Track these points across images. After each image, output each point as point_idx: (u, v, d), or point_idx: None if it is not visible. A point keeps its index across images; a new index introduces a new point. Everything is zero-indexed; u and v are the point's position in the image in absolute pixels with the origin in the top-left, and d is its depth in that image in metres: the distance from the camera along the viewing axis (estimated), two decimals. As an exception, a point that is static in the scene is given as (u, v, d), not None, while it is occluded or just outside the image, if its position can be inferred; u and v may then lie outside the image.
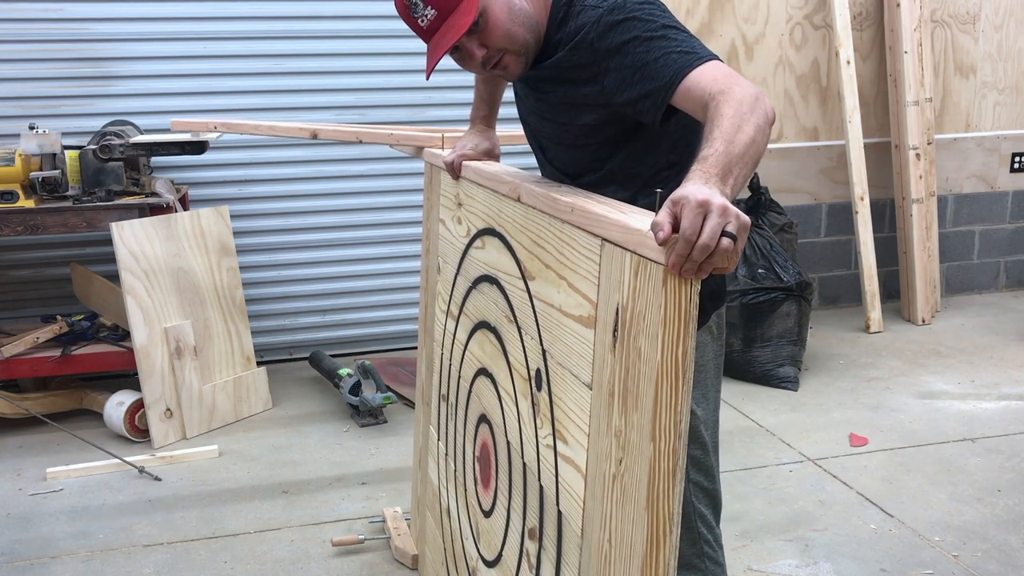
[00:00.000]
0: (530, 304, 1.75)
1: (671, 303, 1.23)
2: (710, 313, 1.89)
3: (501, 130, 2.37)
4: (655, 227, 1.21)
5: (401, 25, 1.88)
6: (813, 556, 2.83)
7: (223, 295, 3.90)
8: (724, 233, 1.18)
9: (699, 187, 1.24)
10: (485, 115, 2.28)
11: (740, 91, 1.47)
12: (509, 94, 2.25)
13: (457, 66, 1.88)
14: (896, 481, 3.31)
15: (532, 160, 2.14)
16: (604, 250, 1.42)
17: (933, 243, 5.18)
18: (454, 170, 2.20)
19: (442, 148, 2.55)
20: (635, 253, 1.31)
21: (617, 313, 1.37)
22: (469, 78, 4.65)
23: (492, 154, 2.20)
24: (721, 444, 3.63)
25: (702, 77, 1.54)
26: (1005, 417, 3.84)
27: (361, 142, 2.91)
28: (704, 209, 1.19)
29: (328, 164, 4.50)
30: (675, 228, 1.20)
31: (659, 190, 1.33)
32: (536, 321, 1.72)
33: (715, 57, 1.59)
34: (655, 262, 1.25)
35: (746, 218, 1.21)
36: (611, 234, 1.40)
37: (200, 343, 3.79)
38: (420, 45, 1.85)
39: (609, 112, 1.75)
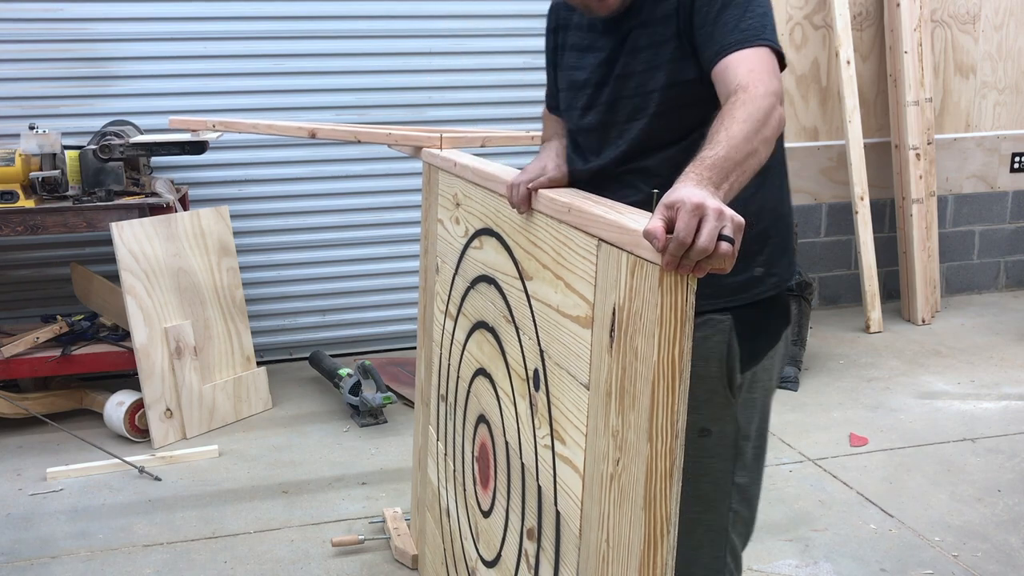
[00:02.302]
0: (527, 304, 1.75)
1: (667, 303, 1.23)
2: (781, 331, 1.83)
3: (496, 129, 2.34)
4: (649, 236, 1.20)
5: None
6: (813, 556, 2.83)
7: (223, 295, 3.91)
8: (721, 236, 1.18)
9: (693, 190, 1.23)
10: (562, 142, 1.93)
11: (761, 96, 1.45)
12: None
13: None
14: (896, 481, 3.31)
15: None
16: (601, 250, 1.42)
17: (933, 243, 5.18)
18: (524, 201, 1.74)
19: (440, 148, 2.54)
20: (631, 253, 1.31)
21: (614, 313, 1.37)
22: (469, 79, 4.69)
23: (566, 181, 1.83)
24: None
25: (741, 63, 1.52)
26: (1005, 417, 3.84)
27: (360, 142, 2.91)
28: (699, 212, 1.18)
29: (328, 164, 4.50)
30: (670, 231, 1.20)
31: (655, 191, 1.33)
32: (534, 321, 1.72)
33: (770, 42, 1.56)
34: (651, 262, 1.24)
35: (740, 219, 1.21)
36: (607, 234, 1.39)
37: (200, 343, 3.80)
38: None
39: (682, 67, 1.67)
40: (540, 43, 5.29)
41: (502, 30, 4.54)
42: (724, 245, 1.18)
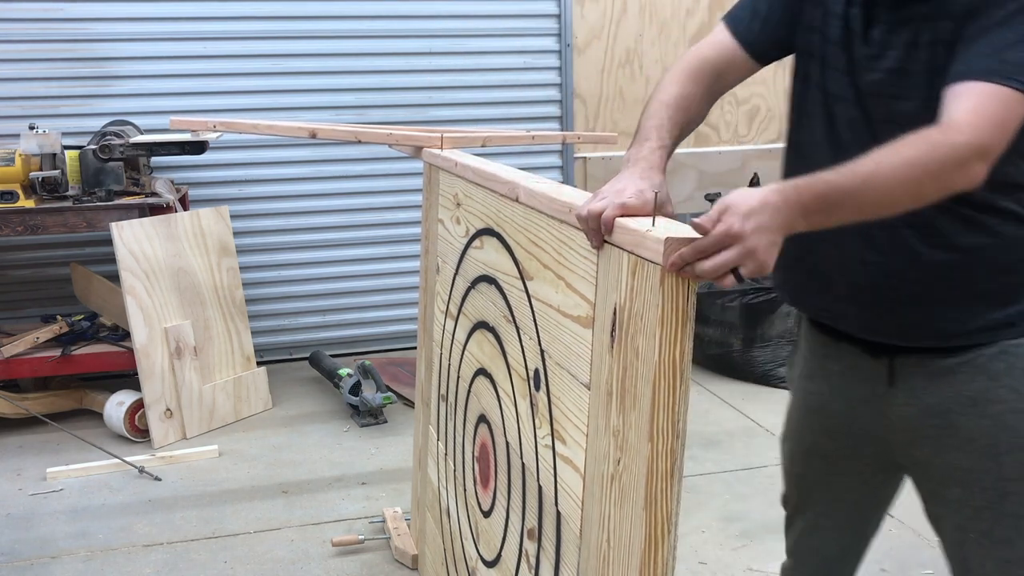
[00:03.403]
0: (528, 304, 1.75)
1: (668, 303, 1.23)
2: None
3: (496, 129, 2.33)
4: (697, 227, 1.17)
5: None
6: (813, 556, 2.83)
7: (223, 295, 3.91)
8: (734, 270, 1.16)
9: (753, 214, 1.15)
10: (660, 147, 1.49)
11: (956, 145, 1.21)
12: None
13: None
14: (896, 481, 3.30)
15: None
16: (601, 250, 1.42)
17: (933, 243, 5.17)
18: (596, 234, 1.39)
19: (441, 148, 2.54)
20: (632, 253, 1.31)
21: (615, 313, 1.37)
22: (469, 79, 4.68)
23: (666, 209, 1.40)
24: (721, 444, 3.64)
25: (968, 97, 1.26)
26: (1005, 417, 3.83)
27: (360, 142, 2.91)
28: (731, 241, 1.15)
29: (328, 164, 4.50)
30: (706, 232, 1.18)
31: (656, 191, 1.32)
32: (534, 321, 1.72)
33: None
34: (652, 262, 1.24)
35: (768, 266, 1.16)
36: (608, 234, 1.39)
37: (200, 343, 3.79)
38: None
39: None
40: (540, 43, 5.26)
41: (502, 30, 4.54)
42: (729, 279, 1.17)
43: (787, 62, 1.62)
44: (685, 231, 1.23)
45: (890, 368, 1.53)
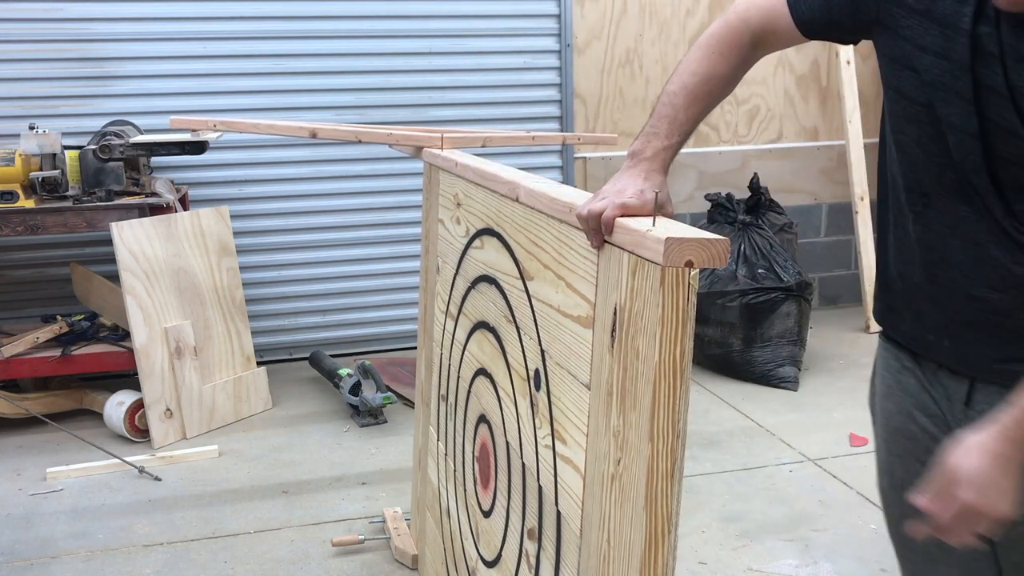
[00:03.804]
0: (528, 304, 1.75)
1: (668, 303, 1.23)
2: None
3: (496, 129, 2.33)
4: (924, 506, 1.20)
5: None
6: (813, 556, 2.83)
7: (223, 295, 3.91)
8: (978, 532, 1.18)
9: (986, 477, 1.14)
10: (665, 147, 1.45)
11: None
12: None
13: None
14: (896, 481, 3.31)
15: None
16: (602, 250, 1.42)
17: (933, 243, 5.17)
18: (596, 234, 1.40)
19: (441, 148, 2.54)
20: (632, 253, 1.30)
21: (615, 313, 1.37)
22: (469, 79, 4.67)
23: (666, 210, 1.40)
24: (721, 444, 3.64)
25: None
26: (1005, 417, 3.83)
27: (360, 142, 2.91)
28: (972, 515, 1.16)
29: (328, 164, 4.50)
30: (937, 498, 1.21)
31: (656, 191, 1.32)
32: (535, 321, 1.72)
33: None
34: (652, 262, 1.24)
35: (1008, 519, 1.16)
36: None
37: (200, 343, 3.79)
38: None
39: None
40: (540, 43, 5.27)
41: (502, 30, 4.54)
42: (971, 538, 1.20)
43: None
44: (685, 231, 1.23)
45: (970, 387, 1.43)
